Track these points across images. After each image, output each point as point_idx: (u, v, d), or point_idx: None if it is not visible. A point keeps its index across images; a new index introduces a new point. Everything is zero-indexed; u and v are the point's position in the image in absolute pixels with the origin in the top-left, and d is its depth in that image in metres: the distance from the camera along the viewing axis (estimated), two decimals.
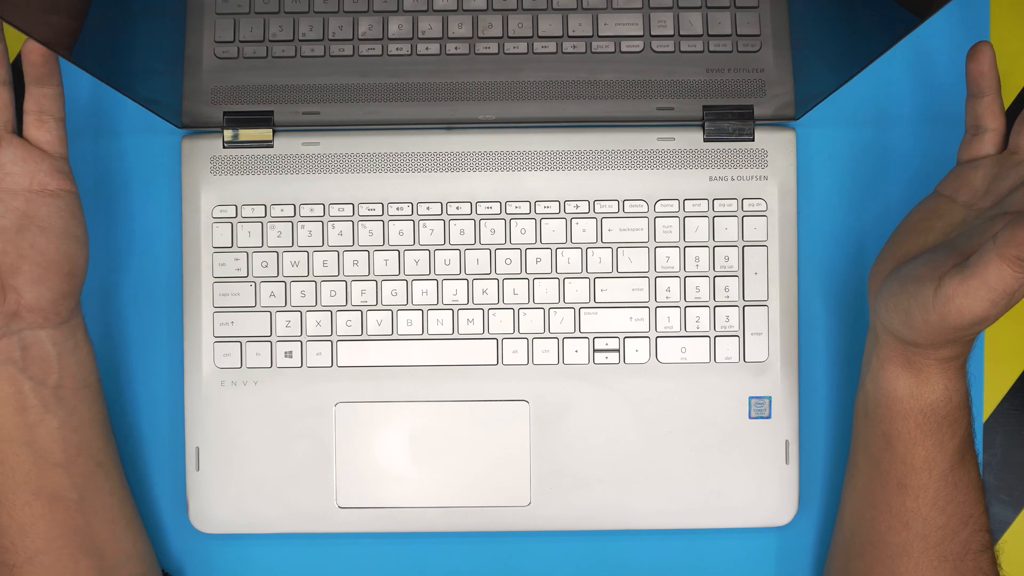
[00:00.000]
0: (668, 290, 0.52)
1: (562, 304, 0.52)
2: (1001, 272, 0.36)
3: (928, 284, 0.40)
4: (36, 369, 0.45)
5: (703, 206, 0.52)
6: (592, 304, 0.52)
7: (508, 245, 0.52)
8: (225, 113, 0.51)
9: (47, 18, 0.39)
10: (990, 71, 0.44)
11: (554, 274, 0.52)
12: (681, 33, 0.51)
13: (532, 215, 0.52)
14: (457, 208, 0.52)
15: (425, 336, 0.52)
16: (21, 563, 0.45)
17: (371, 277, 0.52)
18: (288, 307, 0.52)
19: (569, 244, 0.52)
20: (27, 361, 0.45)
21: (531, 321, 0.52)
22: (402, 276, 0.52)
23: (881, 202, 0.54)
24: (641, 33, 0.51)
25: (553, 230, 0.52)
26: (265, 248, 0.52)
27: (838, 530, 0.50)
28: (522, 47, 0.51)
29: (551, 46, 0.51)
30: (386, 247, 0.52)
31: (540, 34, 0.51)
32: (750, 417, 0.51)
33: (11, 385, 0.44)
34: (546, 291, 0.52)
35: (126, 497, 0.50)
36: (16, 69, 0.55)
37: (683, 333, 0.52)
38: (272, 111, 0.51)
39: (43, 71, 0.44)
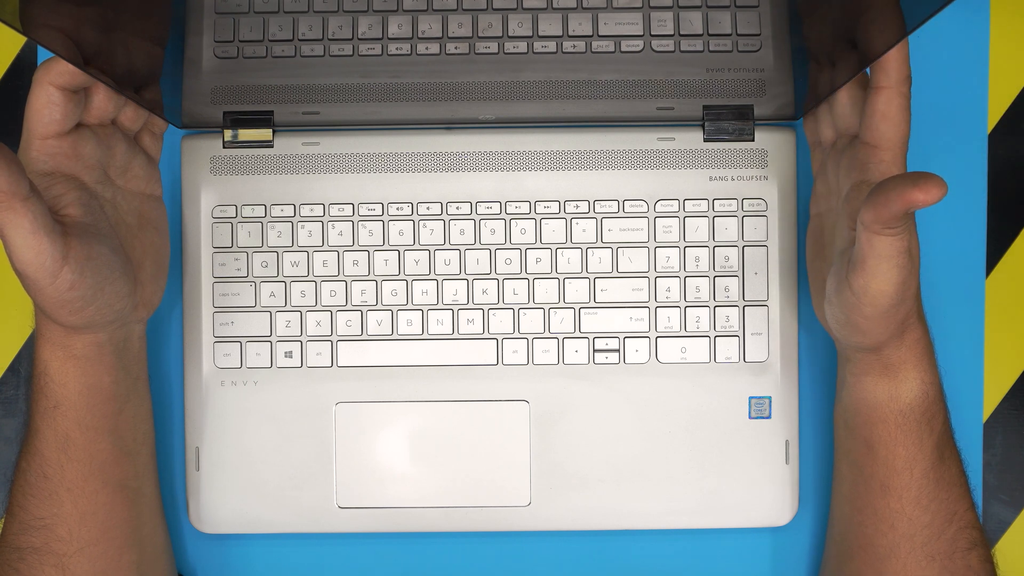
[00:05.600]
0: (668, 290, 0.51)
1: (562, 304, 0.52)
2: (883, 242, 0.39)
3: (843, 290, 0.42)
4: (128, 360, 0.47)
5: (703, 206, 0.52)
6: (592, 304, 0.52)
7: (508, 245, 0.52)
8: (225, 113, 0.51)
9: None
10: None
11: (554, 274, 0.52)
12: (681, 33, 0.51)
13: (532, 215, 0.52)
14: (457, 208, 0.52)
15: (425, 336, 0.52)
16: (72, 553, 0.45)
17: (371, 277, 0.52)
18: (288, 307, 0.52)
19: (569, 244, 0.52)
20: (125, 351, 0.47)
21: (531, 321, 0.52)
22: (402, 276, 0.52)
23: None
24: (641, 33, 0.51)
25: (553, 230, 0.52)
26: (265, 248, 0.52)
27: (829, 536, 0.50)
28: (522, 47, 0.51)
29: (551, 46, 0.51)
30: (386, 247, 0.52)
31: (540, 34, 0.51)
32: (750, 417, 0.51)
33: (109, 375, 0.46)
34: (546, 291, 0.52)
35: (159, 491, 0.51)
36: (17, 71, 0.55)
37: (683, 333, 0.51)
38: (272, 111, 0.51)
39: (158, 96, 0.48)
